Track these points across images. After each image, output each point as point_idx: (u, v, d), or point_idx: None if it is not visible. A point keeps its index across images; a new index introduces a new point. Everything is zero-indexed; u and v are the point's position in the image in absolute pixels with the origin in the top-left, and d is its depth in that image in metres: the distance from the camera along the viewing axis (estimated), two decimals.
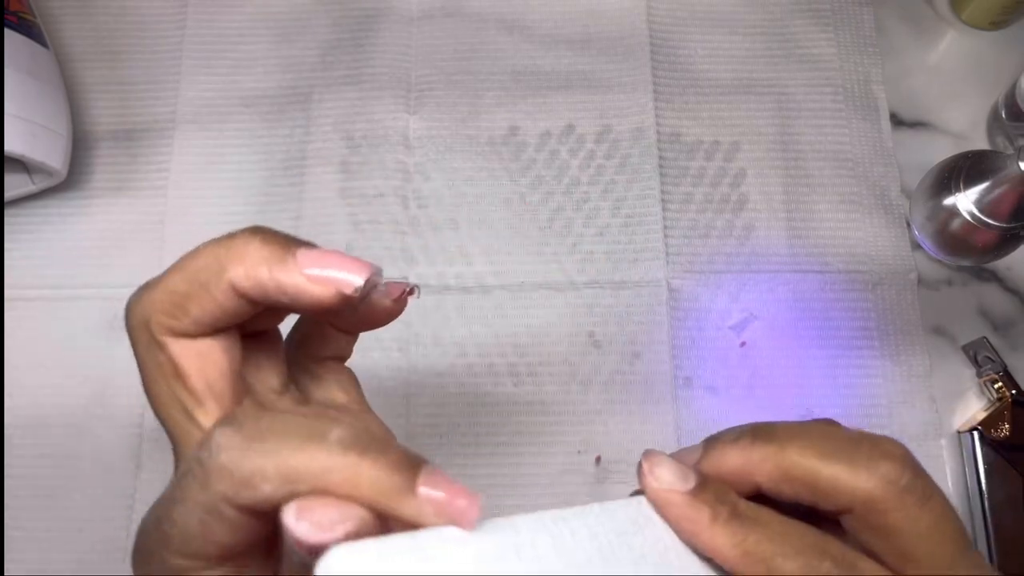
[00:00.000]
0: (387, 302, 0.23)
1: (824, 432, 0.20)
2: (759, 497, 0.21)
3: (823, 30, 0.51)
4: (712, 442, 0.21)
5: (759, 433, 0.21)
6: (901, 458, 0.20)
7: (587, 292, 0.46)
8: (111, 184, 0.47)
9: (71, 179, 0.46)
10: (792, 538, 0.19)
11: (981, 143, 0.49)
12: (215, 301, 0.19)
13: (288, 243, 0.19)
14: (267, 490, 0.17)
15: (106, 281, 0.46)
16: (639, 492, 0.21)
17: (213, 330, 0.20)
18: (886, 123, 0.49)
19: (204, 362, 0.20)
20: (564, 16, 0.51)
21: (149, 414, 0.43)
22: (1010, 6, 0.49)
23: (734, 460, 0.21)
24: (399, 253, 0.46)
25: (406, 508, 0.17)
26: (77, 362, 0.44)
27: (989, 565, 0.21)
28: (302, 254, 0.19)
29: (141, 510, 0.42)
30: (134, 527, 0.41)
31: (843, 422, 0.43)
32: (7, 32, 0.43)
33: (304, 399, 0.24)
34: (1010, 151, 0.40)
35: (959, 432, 0.43)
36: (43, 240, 0.46)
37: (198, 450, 0.18)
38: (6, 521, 0.42)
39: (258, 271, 0.19)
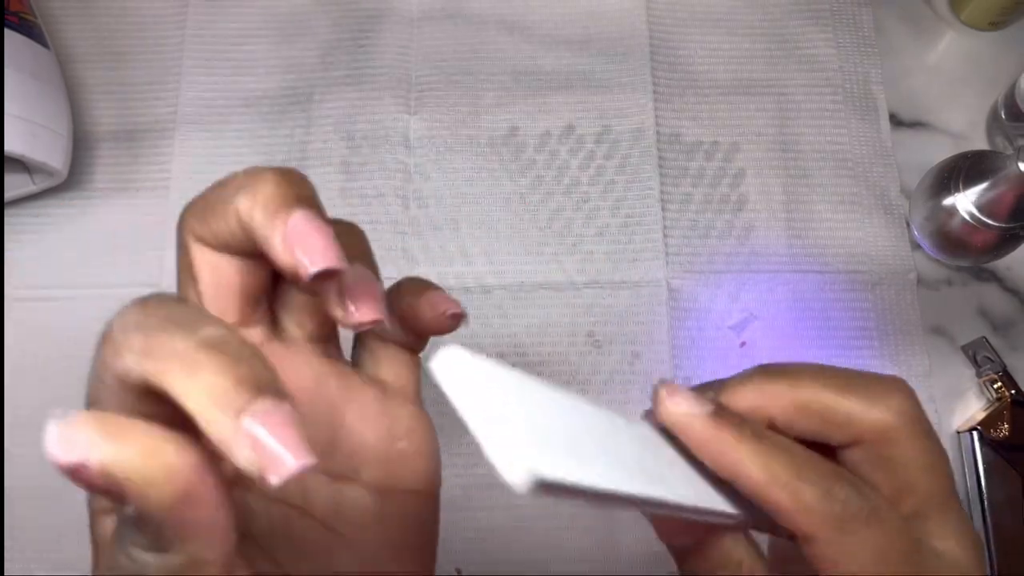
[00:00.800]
0: (428, 315, 0.23)
1: (833, 369, 0.21)
2: None
3: (822, 30, 0.51)
4: (722, 382, 0.21)
5: (771, 371, 0.21)
6: (909, 392, 0.20)
7: (587, 292, 0.46)
8: (112, 184, 0.47)
9: (72, 179, 0.46)
10: (814, 464, 0.19)
11: (980, 143, 0.49)
12: (226, 221, 0.19)
13: (295, 199, 0.19)
14: (128, 361, 0.16)
15: (106, 281, 0.46)
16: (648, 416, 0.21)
17: (228, 249, 0.20)
18: (885, 123, 0.49)
19: (216, 274, 0.20)
20: (564, 17, 0.51)
21: None
22: (1009, 6, 0.49)
23: (749, 397, 0.21)
24: (399, 253, 0.46)
25: (219, 431, 0.15)
26: (78, 363, 0.44)
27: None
28: (293, 220, 0.18)
29: None
30: None
31: None
32: (8, 32, 0.43)
33: (332, 357, 0.23)
34: (1009, 151, 0.40)
35: (958, 432, 0.43)
36: (43, 240, 0.46)
37: None
38: (6, 521, 0.42)
39: (254, 212, 0.18)
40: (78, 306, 0.45)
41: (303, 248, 0.18)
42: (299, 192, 0.19)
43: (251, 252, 0.19)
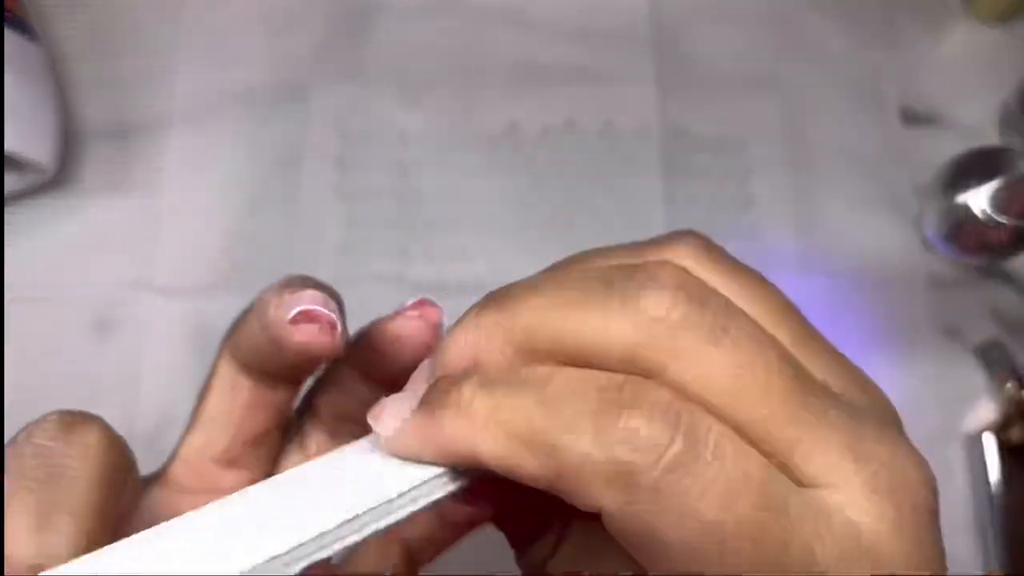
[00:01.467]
0: (402, 325, 0.19)
1: (578, 273, 0.15)
2: None
3: (832, 24, 0.50)
4: (446, 335, 0.16)
5: (489, 301, 0.16)
6: (673, 280, 0.13)
7: None
8: (103, 182, 0.47)
9: (63, 177, 0.46)
10: (578, 395, 0.13)
11: (993, 139, 0.48)
12: (253, 333, 0.19)
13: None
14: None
15: (98, 280, 0.45)
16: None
17: (258, 367, 0.19)
18: (896, 119, 0.48)
19: (223, 397, 0.20)
20: (564, 8, 0.50)
21: (140, 414, 0.43)
22: (1021, 1, 0.48)
23: (461, 346, 0.15)
24: (396, 252, 0.45)
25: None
26: (67, 362, 0.44)
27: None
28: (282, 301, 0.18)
29: None
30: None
31: None
32: None
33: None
34: (1023, 147, 0.40)
35: (971, 436, 0.43)
36: (34, 239, 0.46)
37: None
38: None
39: (267, 321, 0.18)
40: (67, 305, 0.44)
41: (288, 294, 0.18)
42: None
43: (278, 372, 0.19)
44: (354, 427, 0.20)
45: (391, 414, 0.15)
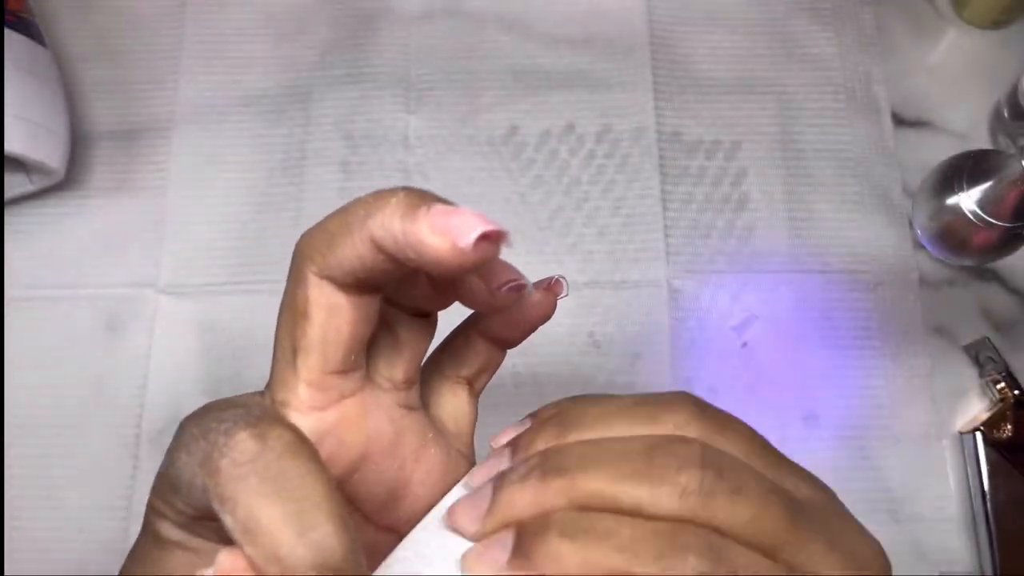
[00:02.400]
0: (535, 296, 0.23)
1: (621, 451, 0.19)
2: None
3: (824, 29, 0.51)
4: (500, 485, 0.20)
5: (549, 467, 0.19)
6: (699, 459, 0.18)
7: (587, 292, 0.45)
8: (110, 184, 0.47)
9: (70, 179, 0.46)
10: (645, 541, 0.17)
11: (983, 142, 0.49)
12: (355, 247, 0.19)
13: (427, 198, 0.19)
14: (228, 524, 0.16)
15: (105, 281, 0.45)
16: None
17: (355, 281, 0.19)
18: (887, 122, 0.49)
19: (330, 316, 0.20)
20: (564, 15, 0.51)
21: (148, 414, 0.43)
22: (1011, 5, 0.49)
23: (530, 501, 0.19)
24: None
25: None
26: (76, 362, 0.44)
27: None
28: (434, 208, 0.18)
29: (139, 510, 0.42)
30: (132, 527, 0.41)
31: (844, 423, 0.43)
32: (6, 31, 0.43)
33: (411, 406, 0.23)
34: (1012, 150, 0.40)
35: (961, 433, 0.43)
36: (42, 240, 0.46)
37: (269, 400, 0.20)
38: (6, 521, 0.42)
39: (392, 220, 0.18)
40: (78, 306, 0.45)
41: (456, 222, 0.18)
42: (426, 193, 0.19)
43: (378, 281, 0.19)
44: (468, 386, 0.25)
45: (481, 563, 0.19)
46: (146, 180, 0.47)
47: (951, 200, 0.43)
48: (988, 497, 0.41)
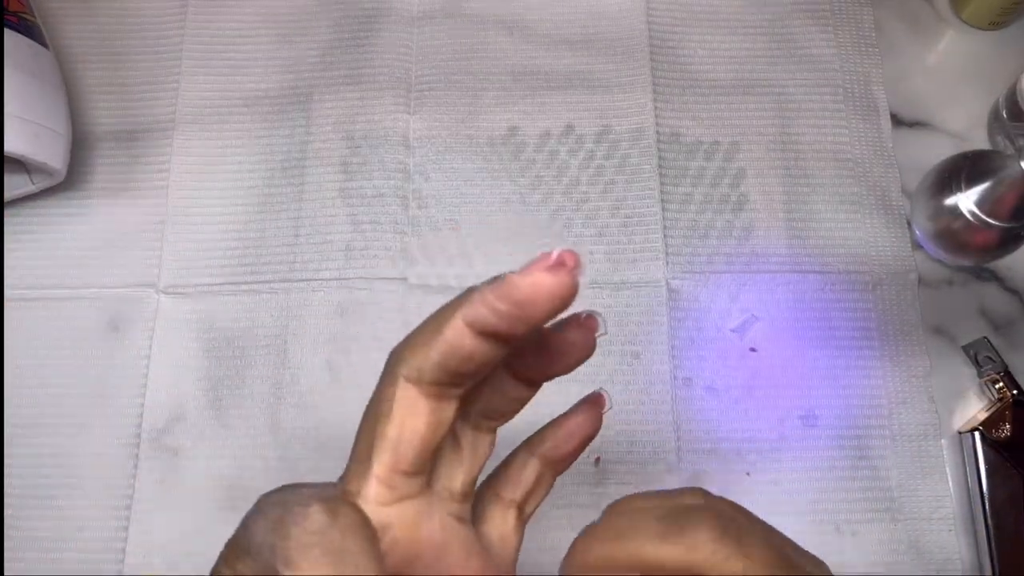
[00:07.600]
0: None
1: (655, 512, 0.22)
2: None
3: (823, 30, 0.51)
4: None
5: (599, 538, 0.22)
6: (719, 524, 0.21)
7: (586, 292, 0.45)
8: (111, 184, 0.47)
9: (71, 179, 0.46)
10: None
11: (981, 143, 0.49)
12: (447, 340, 0.20)
13: (501, 275, 0.20)
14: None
15: (106, 281, 0.45)
16: None
17: (446, 376, 0.21)
18: (886, 123, 0.49)
19: (409, 417, 0.21)
20: (564, 16, 0.51)
21: (148, 414, 0.44)
22: (1010, 6, 0.49)
23: (591, 564, 0.22)
24: (399, 253, 0.46)
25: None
26: (77, 362, 0.44)
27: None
28: (510, 272, 0.20)
29: (139, 510, 0.42)
30: (133, 527, 0.41)
31: (843, 423, 0.43)
32: (7, 32, 0.43)
33: (462, 518, 0.24)
34: (1011, 151, 0.40)
35: (960, 432, 0.43)
36: (43, 240, 0.46)
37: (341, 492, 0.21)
38: (6, 521, 0.42)
39: (482, 295, 0.20)
40: (78, 306, 0.45)
41: (533, 261, 0.20)
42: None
43: (468, 371, 0.21)
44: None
45: None
46: (147, 181, 0.48)
47: (950, 200, 0.43)
48: (986, 496, 0.41)
